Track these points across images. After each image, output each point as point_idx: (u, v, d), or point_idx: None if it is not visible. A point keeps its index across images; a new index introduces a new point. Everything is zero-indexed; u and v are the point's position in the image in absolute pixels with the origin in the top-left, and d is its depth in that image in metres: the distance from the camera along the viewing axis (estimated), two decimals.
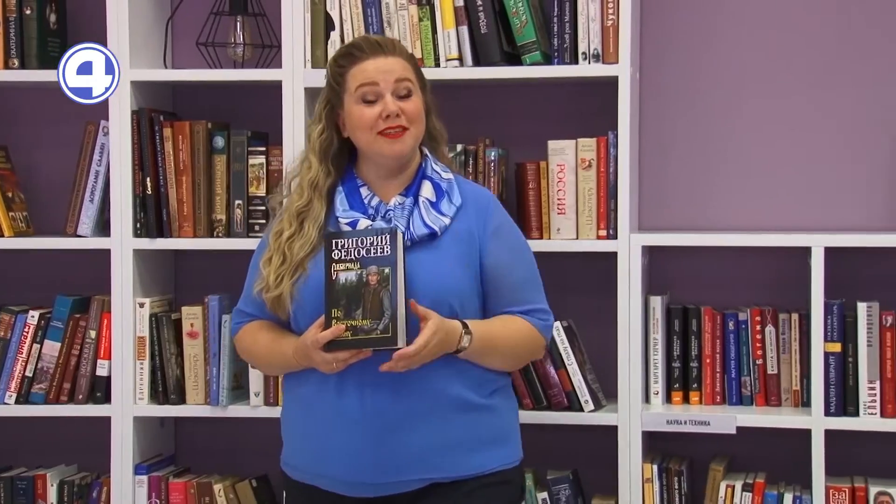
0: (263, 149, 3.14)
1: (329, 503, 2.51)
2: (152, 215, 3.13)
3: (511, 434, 2.60)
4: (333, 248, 2.44)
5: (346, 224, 2.52)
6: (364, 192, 2.57)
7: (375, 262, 2.41)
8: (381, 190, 2.57)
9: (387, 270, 2.40)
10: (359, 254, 2.42)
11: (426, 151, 2.63)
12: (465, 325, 2.47)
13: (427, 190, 2.56)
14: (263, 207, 3.13)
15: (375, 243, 2.42)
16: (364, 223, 2.52)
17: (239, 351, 2.74)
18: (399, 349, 2.38)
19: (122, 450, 3.14)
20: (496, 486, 2.53)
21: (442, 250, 2.49)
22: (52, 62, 3.18)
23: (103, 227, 3.20)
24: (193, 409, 3.16)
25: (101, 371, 3.15)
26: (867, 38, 3.19)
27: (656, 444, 3.14)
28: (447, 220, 2.54)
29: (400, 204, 2.54)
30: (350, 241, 2.44)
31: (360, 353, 2.42)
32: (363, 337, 2.40)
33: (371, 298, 2.40)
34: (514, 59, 3.05)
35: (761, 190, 3.24)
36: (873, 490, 2.96)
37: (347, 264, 2.42)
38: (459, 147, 3.00)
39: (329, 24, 3.07)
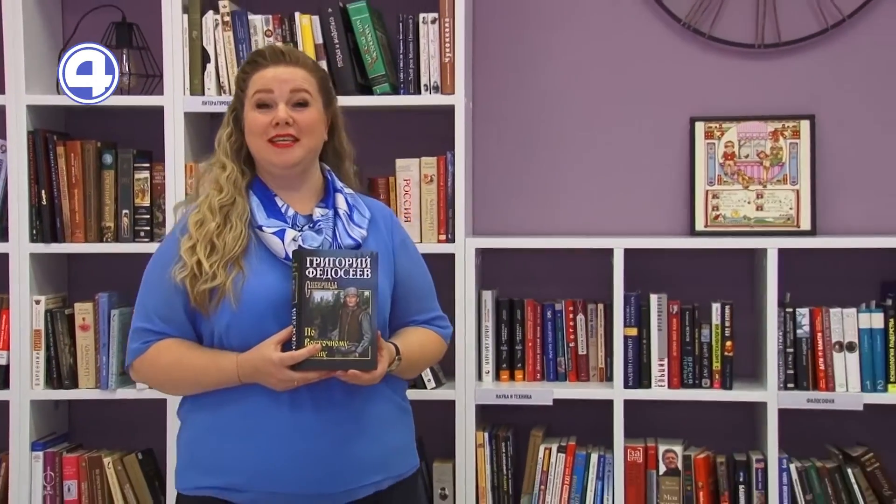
0: (147, 165, 3.27)
1: None
2: (47, 223, 3.24)
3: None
4: (308, 265, 2.29)
5: (273, 234, 2.37)
6: (278, 201, 2.43)
7: (355, 283, 2.29)
8: (289, 201, 2.44)
9: (367, 293, 2.29)
10: (336, 274, 2.29)
11: (327, 168, 2.51)
12: (397, 350, 2.41)
13: (342, 202, 2.45)
14: (148, 216, 3.25)
15: (355, 265, 2.30)
16: (291, 234, 2.37)
17: (147, 372, 2.42)
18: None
19: (20, 430, 3.25)
20: (417, 484, 2.55)
21: None
22: None
23: (2, 233, 3.28)
24: (85, 392, 3.26)
25: (0, 361, 3.27)
26: (664, 63, 3.40)
27: (487, 415, 3.30)
28: (364, 232, 2.43)
29: (323, 215, 2.42)
30: (326, 260, 2.30)
31: (329, 373, 2.29)
32: (340, 358, 2.27)
33: (349, 320, 2.28)
34: (367, 89, 3.21)
35: (574, 200, 3.43)
36: (662, 448, 3.19)
37: (323, 283, 2.28)
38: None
39: (205, 57, 3.23)
